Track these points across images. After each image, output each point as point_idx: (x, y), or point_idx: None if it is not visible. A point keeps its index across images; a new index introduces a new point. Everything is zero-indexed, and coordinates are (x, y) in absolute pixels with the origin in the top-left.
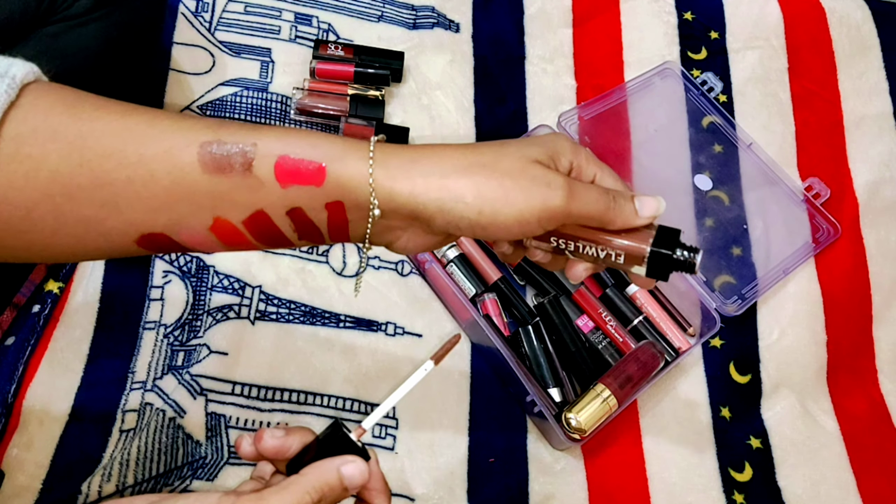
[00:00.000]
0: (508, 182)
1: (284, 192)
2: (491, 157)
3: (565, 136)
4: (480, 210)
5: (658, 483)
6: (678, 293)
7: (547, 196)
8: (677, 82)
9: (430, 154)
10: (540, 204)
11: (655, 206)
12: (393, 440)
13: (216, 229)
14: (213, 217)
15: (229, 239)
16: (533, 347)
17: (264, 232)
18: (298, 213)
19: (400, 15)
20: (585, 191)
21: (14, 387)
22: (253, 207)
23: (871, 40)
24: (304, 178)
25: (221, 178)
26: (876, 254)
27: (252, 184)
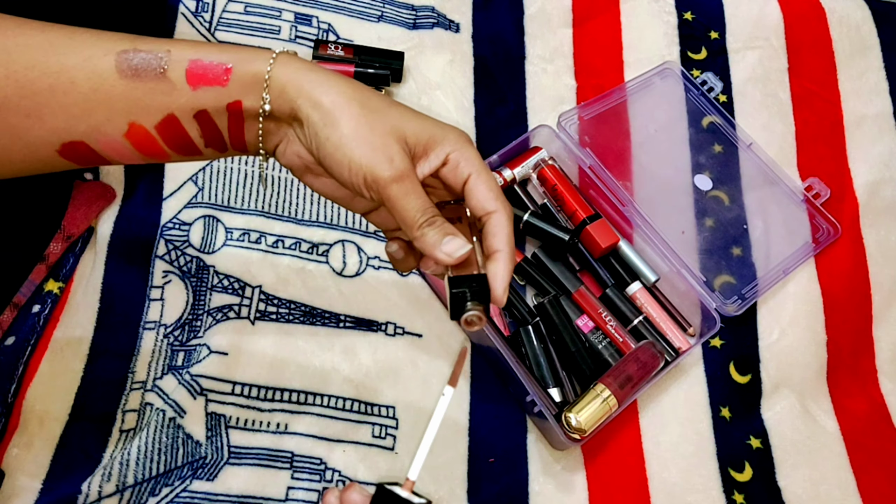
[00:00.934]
0: (365, 132)
1: (193, 94)
2: (375, 105)
3: (459, 133)
4: (329, 136)
5: (658, 483)
6: (678, 293)
7: (381, 166)
8: (677, 82)
9: (329, 74)
10: (372, 167)
11: (454, 249)
12: (393, 440)
13: (131, 136)
14: (129, 122)
15: (144, 146)
16: (533, 347)
17: (175, 137)
18: (204, 116)
19: (400, 15)
20: (411, 195)
21: (14, 386)
22: (165, 111)
23: (871, 40)
24: (212, 78)
25: (137, 83)
26: (876, 254)
27: (164, 87)
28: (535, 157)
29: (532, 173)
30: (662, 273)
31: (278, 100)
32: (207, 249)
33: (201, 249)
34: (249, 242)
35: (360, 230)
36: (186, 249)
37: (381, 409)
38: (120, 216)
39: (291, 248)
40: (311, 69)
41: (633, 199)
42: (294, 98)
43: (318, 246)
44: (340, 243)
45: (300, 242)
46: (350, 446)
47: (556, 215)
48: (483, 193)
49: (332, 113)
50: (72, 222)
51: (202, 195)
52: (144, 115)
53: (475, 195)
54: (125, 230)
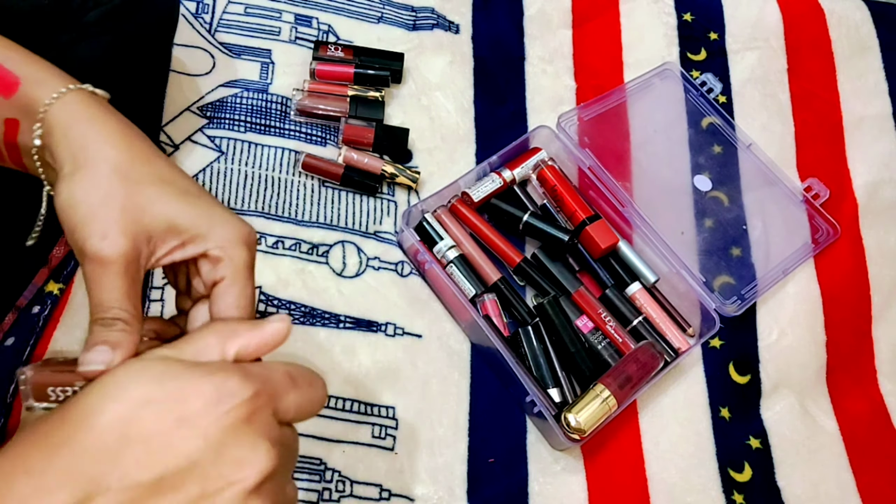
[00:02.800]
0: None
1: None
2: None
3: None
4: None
5: (658, 483)
6: (678, 294)
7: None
8: (677, 83)
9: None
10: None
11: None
12: (393, 440)
13: None
14: None
15: None
16: (533, 348)
17: None
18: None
19: (400, 16)
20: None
21: (13, 387)
22: None
23: (871, 41)
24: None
25: None
26: (875, 254)
27: None
28: (535, 158)
29: (532, 174)
30: (662, 273)
31: (48, 137)
32: None
33: None
34: None
35: (360, 231)
36: None
37: (381, 410)
38: None
39: (291, 248)
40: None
41: (632, 199)
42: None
43: (318, 247)
44: (340, 244)
45: (300, 243)
46: (350, 447)
47: (556, 216)
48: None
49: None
50: None
51: None
52: None
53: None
54: None
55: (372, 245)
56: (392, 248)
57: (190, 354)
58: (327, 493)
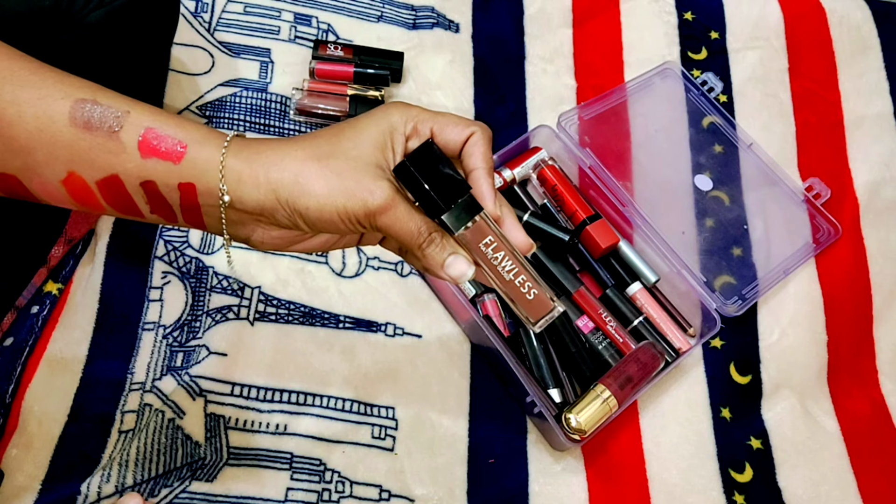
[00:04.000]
0: (335, 182)
1: (142, 163)
2: (328, 151)
3: (395, 108)
4: (307, 205)
5: (658, 484)
6: (678, 294)
7: (365, 203)
8: (677, 82)
9: (279, 145)
10: (356, 208)
11: (462, 271)
12: (392, 441)
13: (68, 184)
14: (68, 171)
15: (80, 197)
16: (533, 348)
17: (116, 197)
18: (151, 187)
19: (399, 15)
20: (405, 217)
21: (12, 387)
22: (109, 171)
23: (872, 40)
24: (164, 153)
25: (86, 135)
26: (876, 254)
27: (113, 147)
28: (535, 158)
29: (532, 173)
30: (663, 273)
31: (236, 191)
32: (207, 250)
33: (200, 250)
34: None
35: None
36: (186, 250)
37: (381, 410)
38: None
39: None
40: (261, 150)
41: (633, 199)
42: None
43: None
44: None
45: None
46: (349, 447)
47: (556, 215)
48: (453, 122)
49: (298, 184)
50: (73, 226)
51: None
52: (87, 168)
53: (447, 129)
54: (124, 231)
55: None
56: None
57: None
58: (327, 494)
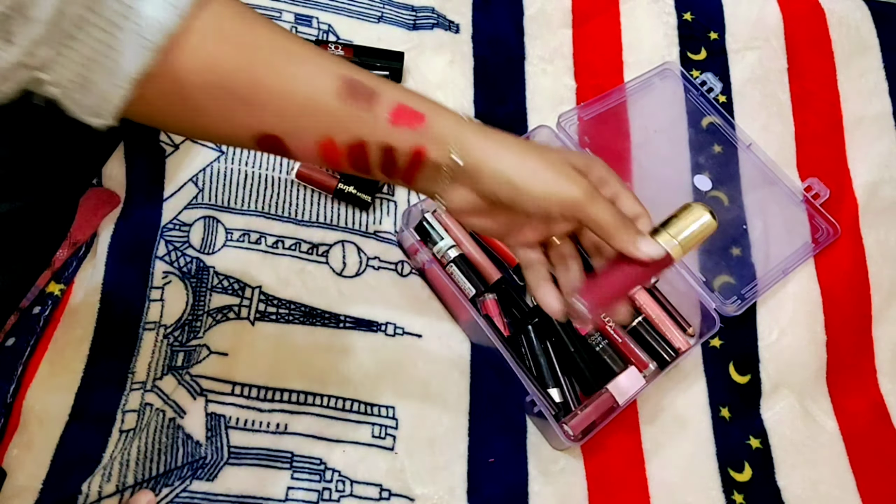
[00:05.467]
0: (546, 165)
1: (390, 130)
2: (541, 147)
3: (601, 161)
4: (514, 177)
5: (657, 483)
6: (678, 293)
7: (572, 188)
8: (677, 83)
9: (499, 131)
10: (565, 190)
11: (653, 250)
12: (393, 440)
13: (322, 146)
14: (326, 136)
15: (329, 157)
16: (533, 347)
17: (359, 159)
18: (389, 152)
19: (400, 16)
20: (604, 203)
21: (13, 387)
22: (360, 137)
23: (871, 41)
24: (411, 121)
25: (348, 106)
26: (875, 254)
27: (368, 118)
28: None
29: None
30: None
31: (465, 158)
32: (207, 250)
33: (201, 250)
34: (249, 243)
35: (360, 231)
36: (186, 250)
37: (381, 410)
38: (121, 217)
39: (291, 248)
40: (486, 128)
41: None
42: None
43: (318, 246)
44: (340, 244)
45: (300, 243)
46: (350, 446)
47: None
48: (631, 199)
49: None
50: (78, 229)
51: (202, 196)
52: (342, 133)
53: (627, 203)
54: (126, 231)
55: (372, 245)
56: (392, 248)
57: None
58: (327, 493)
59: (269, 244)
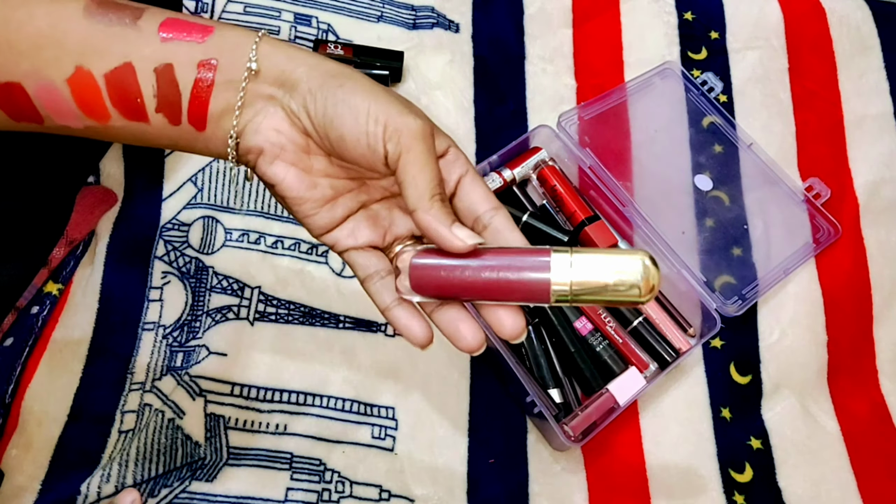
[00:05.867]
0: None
1: (161, 46)
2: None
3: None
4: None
5: (658, 483)
6: (678, 293)
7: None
8: (677, 82)
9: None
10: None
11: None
12: (392, 441)
13: (74, 82)
14: (76, 66)
15: (84, 97)
16: (533, 348)
17: (123, 92)
18: (167, 73)
19: (399, 15)
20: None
21: (11, 388)
22: (123, 58)
23: (872, 40)
24: (187, 32)
25: (101, 24)
26: (876, 254)
27: (130, 34)
28: (535, 158)
29: (532, 174)
30: (663, 273)
31: (266, 61)
32: (207, 250)
33: (200, 250)
34: (249, 243)
35: None
36: (185, 250)
37: (381, 410)
38: (119, 217)
39: (291, 248)
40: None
41: (633, 199)
42: (285, 62)
43: (318, 246)
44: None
45: (299, 243)
46: (349, 447)
47: (555, 216)
48: (483, 191)
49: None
50: (74, 227)
51: (201, 196)
52: (97, 59)
53: (474, 193)
54: (124, 231)
55: None
56: None
57: None
58: (327, 494)
59: (269, 244)
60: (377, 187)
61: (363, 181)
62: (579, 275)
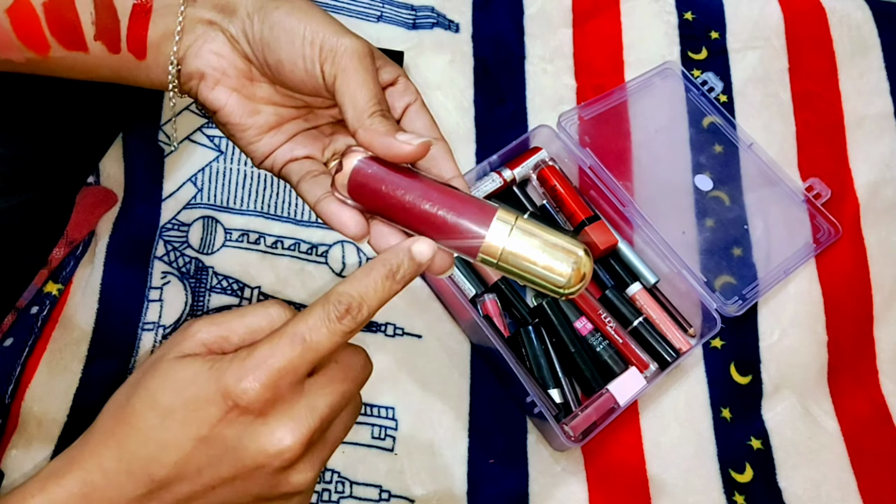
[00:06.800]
0: (311, 9)
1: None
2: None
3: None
4: (279, 5)
5: (658, 484)
6: (679, 294)
7: (344, 37)
8: (678, 82)
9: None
10: (332, 34)
11: (410, 138)
12: (392, 441)
13: (14, 11)
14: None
15: (24, 28)
16: (533, 348)
17: (61, 20)
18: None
19: (399, 15)
20: (372, 75)
21: (11, 388)
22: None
23: (872, 40)
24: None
25: None
26: (877, 254)
27: None
28: (535, 158)
29: (532, 174)
30: (663, 273)
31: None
32: (206, 250)
33: (200, 250)
34: (248, 243)
35: None
36: (185, 250)
37: (381, 410)
38: (119, 217)
39: (291, 248)
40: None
41: (633, 199)
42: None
43: (318, 247)
44: (340, 244)
45: (299, 243)
46: (349, 447)
47: (555, 216)
48: (427, 120)
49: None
50: (75, 228)
51: (201, 196)
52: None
53: (417, 122)
54: (124, 231)
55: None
56: None
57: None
58: (327, 494)
59: (269, 244)
60: (324, 115)
61: (310, 109)
62: (514, 245)
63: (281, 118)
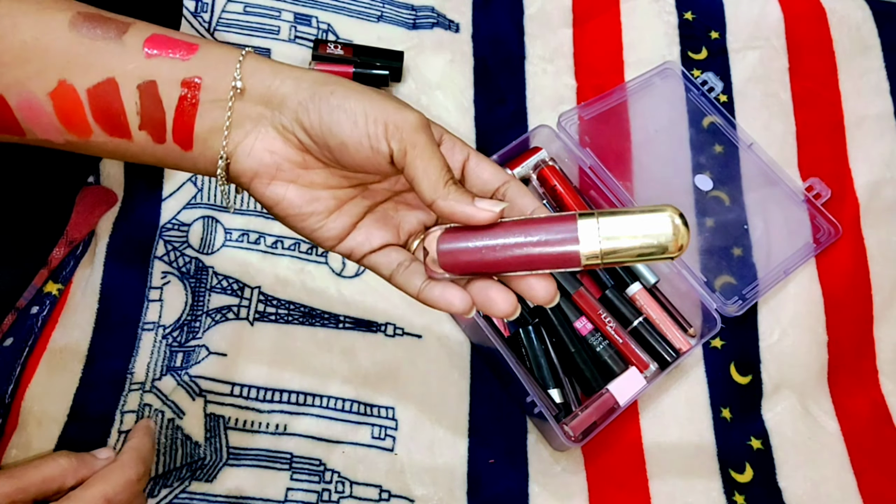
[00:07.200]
0: (365, 90)
1: (146, 62)
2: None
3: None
4: (334, 91)
5: (658, 484)
6: (679, 294)
7: (406, 113)
8: (678, 82)
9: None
10: (395, 113)
11: (491, 204)
12: (392, 441)
13: (56, 96)
14: (59, 80)
15: (66, 112)
16: (533, 348)
17: (105, 108)
18: (150, 88)
19: (399, 15)
20: (437, 148)
21: (11, 387)
22: (106, 73)
23: (872, 40)
24: (172, 49)
25: (85, 38)
26: (877, 254)
27: (114, 49)
28: (535, 158)
29: (532, 174)
30: (663, 274)
31: (251, 79)
32: (206, 250)
33: (200, 250)
34: (248, 243)
35: None
36: (185, 250)
37: (381, 410)
38: (119, 217)
39: (290, 248)
40: (278, 62)
41: (633, 199)
42: (270, 78)
43: (318, 247)
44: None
45: (299, 243)
46: (349, 447)
47: None
48: (491, 168)
49: (325, 77)
50: (75, 227)
51: (201, 196)
52: (80, 73)
53: (484, 171)
54: (124, 231)
55: None
56: None
57: None
58: (327, 494)
59: (269, 244)
60: (379, 190)
61: (364, 186)
62: (607, 239)
63: (339, 200)
